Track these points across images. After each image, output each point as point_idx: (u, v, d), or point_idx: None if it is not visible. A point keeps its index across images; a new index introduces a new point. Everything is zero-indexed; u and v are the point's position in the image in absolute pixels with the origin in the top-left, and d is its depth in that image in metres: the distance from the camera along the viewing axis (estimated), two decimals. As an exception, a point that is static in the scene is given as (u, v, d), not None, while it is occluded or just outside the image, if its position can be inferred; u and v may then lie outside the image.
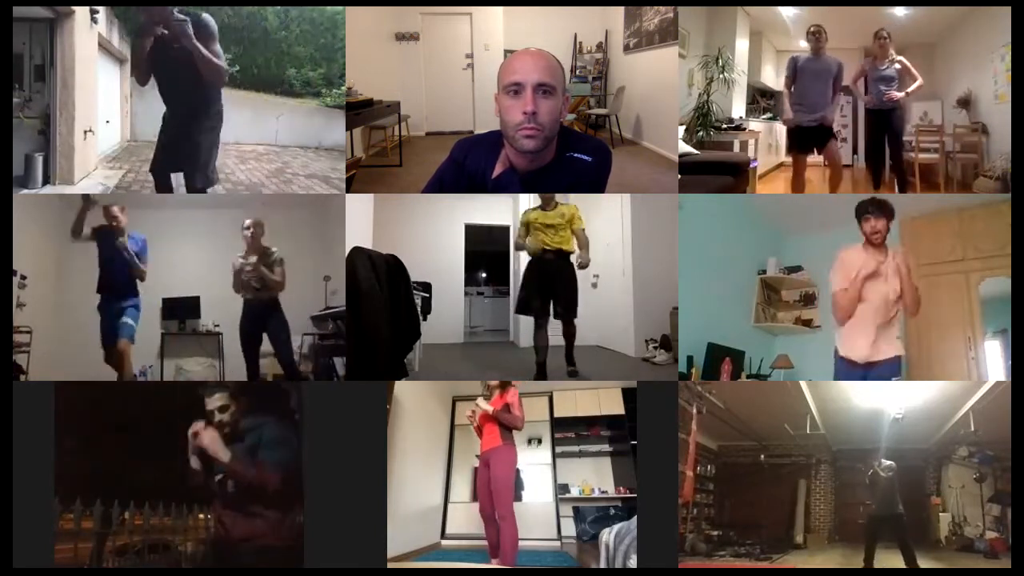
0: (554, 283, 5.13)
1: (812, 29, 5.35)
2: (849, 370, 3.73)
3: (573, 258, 5.21)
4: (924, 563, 4.19)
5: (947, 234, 5.22)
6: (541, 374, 5.09)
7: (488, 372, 6.10)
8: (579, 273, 5.21)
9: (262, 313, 4.90)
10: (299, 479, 3.33)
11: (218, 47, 3.65)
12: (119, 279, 4.66)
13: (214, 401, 3.08)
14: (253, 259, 4.84)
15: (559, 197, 5.25)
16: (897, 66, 5.39)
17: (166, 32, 3.49)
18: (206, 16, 3.60)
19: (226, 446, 2.94)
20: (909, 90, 5.41)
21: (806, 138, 5.43)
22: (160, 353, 6.80)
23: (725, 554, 4.81)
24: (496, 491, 4.17)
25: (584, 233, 5.22)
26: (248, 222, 4.90)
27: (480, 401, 4.36)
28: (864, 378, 3.71)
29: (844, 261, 3.73)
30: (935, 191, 5.61)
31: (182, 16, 3.48)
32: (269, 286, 4.84)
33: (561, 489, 5.75)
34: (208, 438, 2.91)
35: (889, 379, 3.71)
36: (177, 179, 4.02)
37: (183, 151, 3.87)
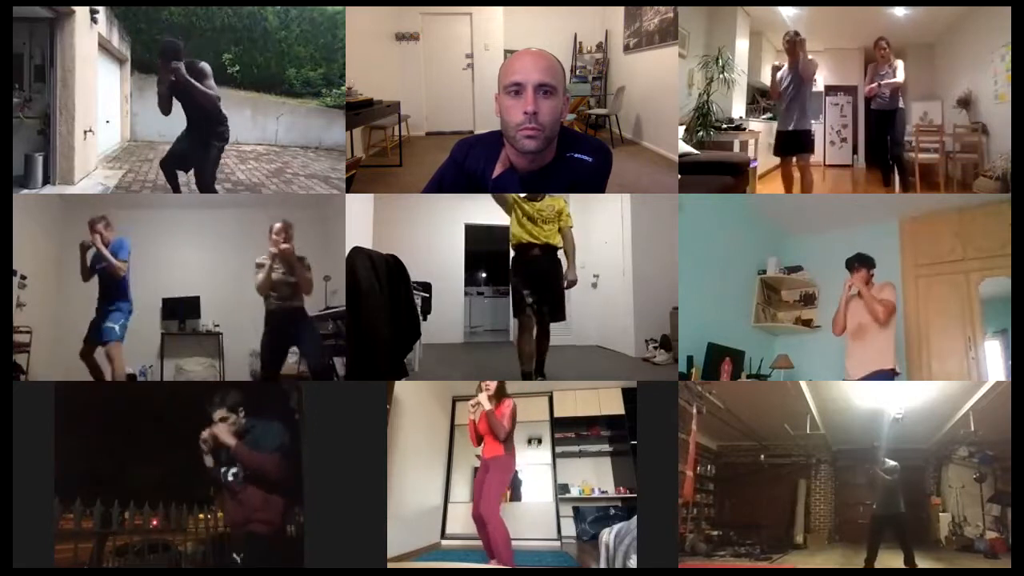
0: (540, 281, 4.69)
1: (787, 38, 5.48)
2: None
3: (560, 254, 4.82)
4: (924, 563, 4.20)
5: (947, 234, 5.22)
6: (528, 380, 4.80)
7: (488, 372, 6.10)
8: (577, 273, 5.12)
9: (289, 324, 4.49)
10: (298, 469, 3.51)
11: (211, 81, 4.64)
12: (104, 283, 4.79)
13: (217, 414, 3.33)
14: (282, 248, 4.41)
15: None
16: (894, 67, 5.60)
17: (175, 79, 4.50)
18: (203, 63, 4.67)
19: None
20: (884, 82, 5.63)
21: (792, 143, 5.53)
22: (160, 353, 6.80)
23: (725, 554, 4.81)
24: (487, 491, 4.16)
25: (572, 234, 4.79)
26: (277, 226, 4.39)
27: (482, 398, 4.23)
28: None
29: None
30: (935, 191, 5.61)
31: (178, 64, 4.50)
32: (302, 287, 4.49)
33: (561, 489, 5.74)
34: (218, 429, 3.29)
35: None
36: (183, 177, 4.92)
37: (196, 156, 4.72)
